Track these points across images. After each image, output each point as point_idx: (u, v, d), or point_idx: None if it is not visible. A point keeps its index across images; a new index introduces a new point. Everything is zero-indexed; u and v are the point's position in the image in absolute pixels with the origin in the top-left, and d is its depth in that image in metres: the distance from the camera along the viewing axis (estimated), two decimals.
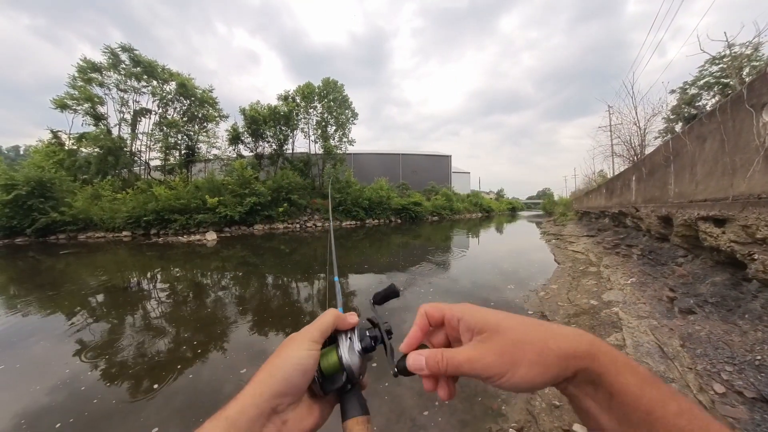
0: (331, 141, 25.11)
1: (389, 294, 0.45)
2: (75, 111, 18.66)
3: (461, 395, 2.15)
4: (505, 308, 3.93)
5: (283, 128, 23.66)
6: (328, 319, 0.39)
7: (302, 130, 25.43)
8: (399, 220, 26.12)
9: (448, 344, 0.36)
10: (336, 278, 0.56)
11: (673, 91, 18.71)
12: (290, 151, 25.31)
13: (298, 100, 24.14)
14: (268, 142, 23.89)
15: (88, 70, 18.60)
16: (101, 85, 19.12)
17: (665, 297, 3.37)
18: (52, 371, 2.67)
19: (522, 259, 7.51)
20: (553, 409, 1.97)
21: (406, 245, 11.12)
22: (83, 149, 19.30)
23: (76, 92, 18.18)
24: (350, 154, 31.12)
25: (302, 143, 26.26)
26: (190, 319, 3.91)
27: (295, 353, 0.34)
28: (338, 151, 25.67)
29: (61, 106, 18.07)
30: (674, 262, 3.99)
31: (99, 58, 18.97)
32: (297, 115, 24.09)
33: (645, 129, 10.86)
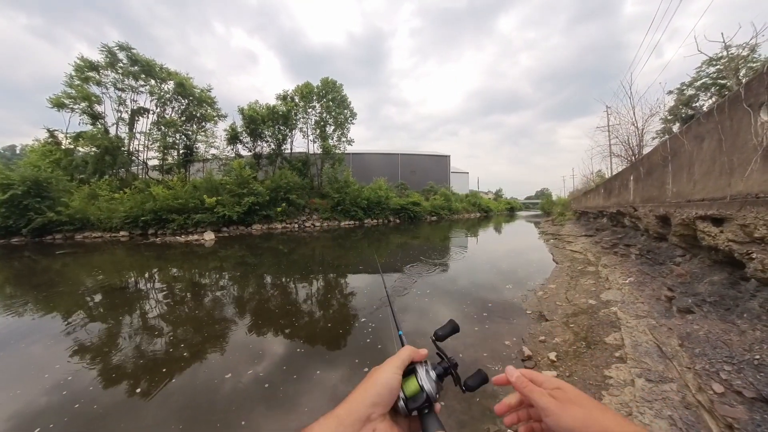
0: (330, 141, 25.06)
1: (450, 331, 0.56)
2: (72, 110, 18.51)
3: (459, 396, 2.14)
4: (503, 308, 3.92)
5: (281, 128, 23.59)
6: (407, 353, 0.49)
7: (301, 130, 25.39)
8: (398, 220, 26.11)
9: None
10: (400, 332, 0.63)
11: (670, 92, 18.81)
12: (289, 151, 25.25)
13: (297, 100, 24.08)
14: (267, 141, 23.81)
15: (86, 69, 18.45)
16: (99, 84, 18.98)
17: (663, 296, 3.37)
18: (38, 374, 2.63)
19: (520, 259, 7.51)
20: None
21: (405, 245, 11.10)
22: (80, 148, 19.15)
23: (73, 91, 18.04)
24: (349, 153, 31.07)
25: (301, 143, 26.22)
26: (186, 319, 3.88)
27: (383, 375, 0.45)
28: (337, 151, 25.63)
29: (58, 104, 17.91)
30: (672, 262, 3.99)
31: (96, 57, 18.86)
32: (295, 114, 24.03)
33: (643, 129, 10.89)
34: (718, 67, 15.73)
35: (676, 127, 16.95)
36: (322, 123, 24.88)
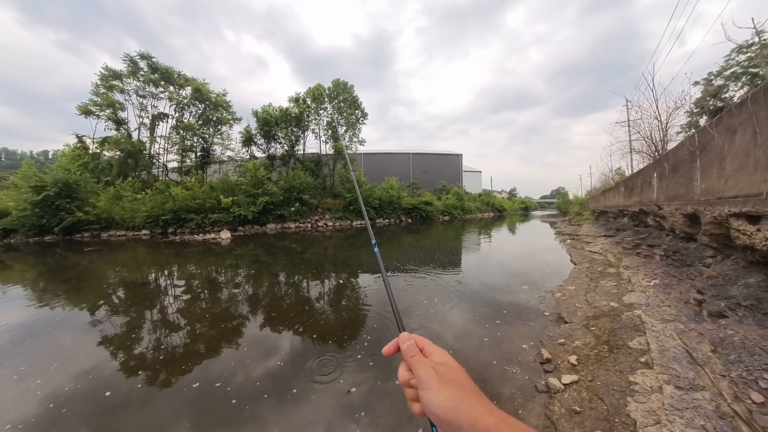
0: (342, 141, 25.24)
1: None
2: (98, 117, 19.50)
3: None
4: (518, 310, 3.82)
5: (294, 129, 23.98)
6: None
7: (313, 131, 25.71)
8: (410, 220, 26.00)
9: None
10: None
11: (697, 83, 17.68)
12: (301, 152, 25.62)
13: (309, 102, 24.39)
14: (280, 143, 24.28)
15: (110, 78, 19.40)
16: (122, 91, 19.92)
17: (693, 300, 3.19)
18: (64, 362, 2.77)
19: (536, 260, 7.31)
20: (573, 415, 1.89)
21: (417, 245, 11.03)
22: (106, 152, 20.15)
23: (99, 99, 19.01)
24: (360, 154, 31.21)
25: (313, 144, 26.58)
26: (203, 315, 3.99)
27: None
28: (349, 152, 25.78)
29: (86, 112, 18.93)
30: (702, 263, 3.77)
31: (119, 66, 19.80)
32: (308, 116, 24.36)
33: (667, 123, 10.30)
34: (749, 54, 14.77)
35: (703, 121, 16.05)
36: (333, 124, 25.10)
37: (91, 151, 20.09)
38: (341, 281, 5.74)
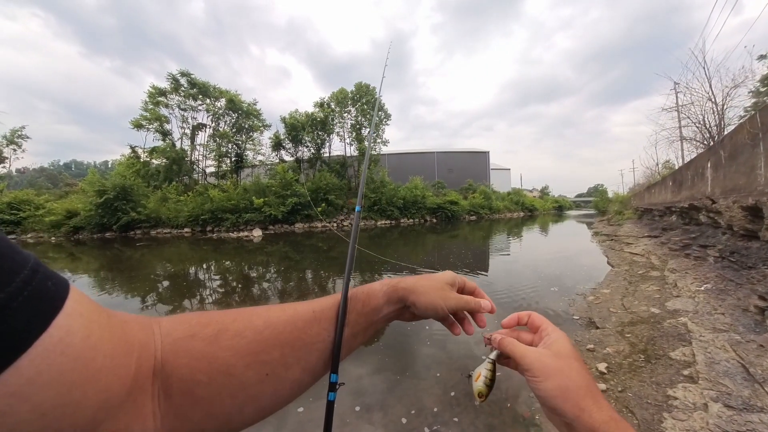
0: (366, 142, 25.56)
1: None
2: (147, 129, 21.93)
3: (490, 399, 2.01)
4: (544, 312, 3.61)
5: (320, 133, 24.79)
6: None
7: (338, 134, 26.35)
8: (434, 220, 25.61)
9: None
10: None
11: (762, 57, 14.76)
12: (327, 154, 26.34)
13: (333, 106, 25.04)
14: (307, 146, 25.24)
15: (156, 95, 21.74)
16: (166, 106, 22.23)
17: (753, 307, 2.80)
18: None
19: (569, 261, 6.86)
20: None
21: (441, 245, 10.85)
22: (154, 160, 22.52)
23: (148, 114, 21.36)
24: (384, 154, 31.34)
25: (338, 146, 27.18)
26: (235, 303, 4.26)
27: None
28: (373, 152, 26.02)
29: (137, 125, 21.40)
30: (766, 265, 3.29)
31: (163, 84, 22.07)
32: (332, 120, 25.02)
33: (723, 105, 8.99)
34: None
35: None
36: (357, 126, 25.49)
37: (142, 160, 22.46)
38: (365, 279, 5.81)
